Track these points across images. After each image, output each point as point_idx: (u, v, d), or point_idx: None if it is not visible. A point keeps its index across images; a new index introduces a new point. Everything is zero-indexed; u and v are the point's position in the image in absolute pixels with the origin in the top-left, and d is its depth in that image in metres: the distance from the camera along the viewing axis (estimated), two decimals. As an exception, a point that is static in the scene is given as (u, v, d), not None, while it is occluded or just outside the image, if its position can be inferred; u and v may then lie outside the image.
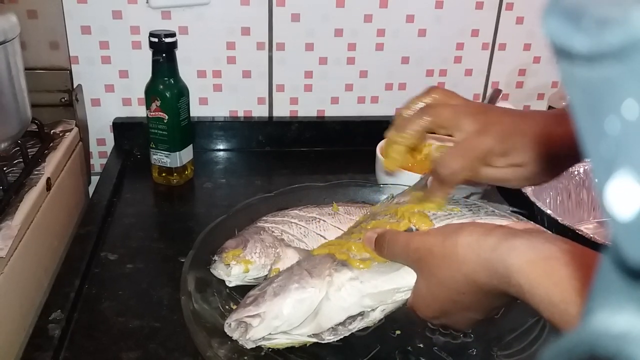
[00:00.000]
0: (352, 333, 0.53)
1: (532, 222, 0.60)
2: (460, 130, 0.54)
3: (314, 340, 0.53)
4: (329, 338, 0.52)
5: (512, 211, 0.61)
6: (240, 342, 0.52)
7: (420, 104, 0.58)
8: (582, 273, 0.37)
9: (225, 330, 0.53)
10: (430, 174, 0.57)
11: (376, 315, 0.53)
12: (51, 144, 0.87)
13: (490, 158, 0.53)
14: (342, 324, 0.52)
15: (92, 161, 1.05)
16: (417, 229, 0.54)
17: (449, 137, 0.56)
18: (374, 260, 0.53)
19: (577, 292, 0.35)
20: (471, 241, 0.44)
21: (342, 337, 0.53)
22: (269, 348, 0.54)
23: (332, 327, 0.52)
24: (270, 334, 0.52)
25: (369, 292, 0.52)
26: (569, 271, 0.37)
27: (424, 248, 0.47)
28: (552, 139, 0.54)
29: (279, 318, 0.51)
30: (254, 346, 0.53)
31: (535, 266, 0.39)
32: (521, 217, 0.60)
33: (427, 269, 0.47)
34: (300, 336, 0.53)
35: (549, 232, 0.51)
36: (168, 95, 0.84)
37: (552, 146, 0.54)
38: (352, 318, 0.52)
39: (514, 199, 0.79)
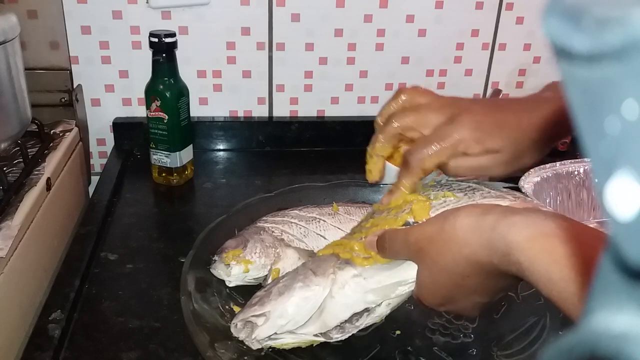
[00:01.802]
0: (352, 333, 0.53)
1: (531, 200, 0.59)
2: (428, 127, 0.55)
3: (321, 339, 0.53)
4: (337, 336, 0.52)
5: (505, 187, 0.60)
6: (246, 343, 0.52)
7: (391, 107, 0.59)
8: (581, 250, 0.36)
9: (232, 330, 0.53)
10: (401, 164, 0.58)
11: (382, 311, 0.53)
12: (51, 144, 0.87)
13: (464, 146, 0.53)
14: (349, 321, 0.52)
15: (92, 161, 1.05)
16: (414, 222, 0.54)
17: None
18: (377, 261, 0.53)
19: (576, 269, 0.35)
20: (470, 222, 0.44)
21: (350, 334, 0.53)
22: (270, 348, 0.54)
23: (339, 325, 0.52)
24: (276, 333, 0.52)
25: (372, 287, 0.52)
26: (568, 248, 0.37)
27: (424, 237, 0.47)
28: (529, 124, 0.54)
29: (284, 317, 0.52)
30: (260, 347, 0.53)
31: (535, 243, 0.39)
32: (517, 193, 0.60)
33: (429, 258, 0.47)
34: (306, 335, 0.53)
35: (549, 209, 0.51)
36: (168, 95, 0.84)
37: (529, 131, 0.54)
38: (358, 315, 0.52)
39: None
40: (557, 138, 0.57)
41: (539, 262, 0.38)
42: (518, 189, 0.60)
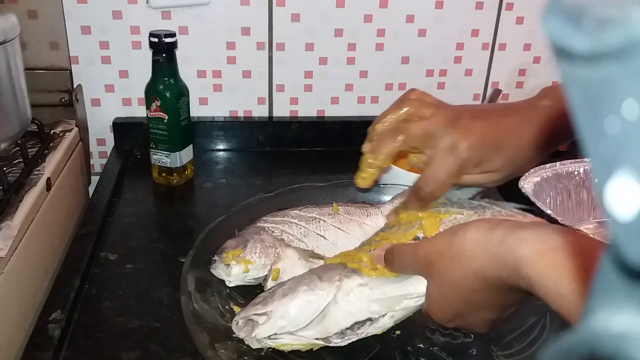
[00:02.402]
0: (352, 340, 0.53)
1: (538, 217, 0.60)
2: (432, 148, 0.57)
3: (322, 343, 0.53)
4: (337, 341, 0.52)
5: (517, 208, 0.61)
6: (246, 341, 0.53)
7: (394, 116, 0.59)
8: (589, 264, 0.36)
9: (233, 328, 0.53)
10: (411, 191, 0.60)
11: (385, 322, 0.53)
12: (51, 144, 0.87)
13: (465, 169, 0.57)
14: (350, 328, 0.52)
15: (92, 161, 1.05)
16: (424, 237, 0.54)
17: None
18: (384, 274, 0.53)
19: (585, 283, 0.35)
20: (479, 237, 0.44)
21: (350, 341, 0.53)
22: (270, 348, 0.54)
23: (341, 331, 0.52)
24: (276, 334, 0.52)
25: (377, 297, 0.52)
26: (576, 262, 0.37)
27: (433, 252, 0.47)
28: (526, 143, 0.57)
29: (285, 318, 0.52)
30: (259, 346, 0.53)
31: (544, 257, 0.39)
32: (528, 214, 0.60)
33: (438, 272, 0.47)
34: (307, 338, 0.53)
35: (556, 225, 0.51)
36: (168, 95, 0.84)
37: (525, 150, 0.57)
38: (360, 323, 0.52)
39: (513, 198, 0.79)
40: (552, 147, 0.59)
41: (548, 277, 0.38)
42: (529, 211, 0.62)
